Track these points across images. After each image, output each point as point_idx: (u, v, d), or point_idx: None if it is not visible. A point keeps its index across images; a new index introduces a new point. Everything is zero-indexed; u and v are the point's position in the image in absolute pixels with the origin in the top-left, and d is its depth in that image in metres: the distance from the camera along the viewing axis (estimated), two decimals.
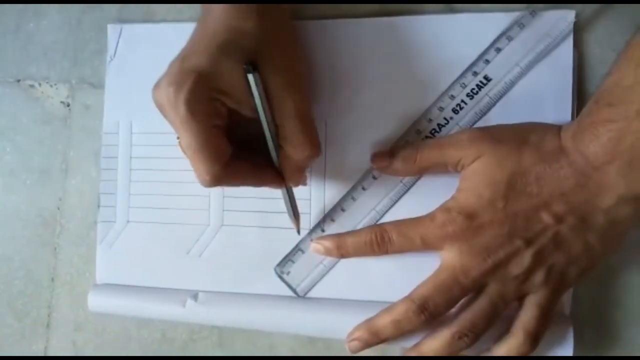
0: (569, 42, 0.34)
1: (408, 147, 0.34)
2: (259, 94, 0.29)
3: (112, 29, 0.40)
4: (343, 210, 0.36)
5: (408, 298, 0.32)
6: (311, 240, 0.36)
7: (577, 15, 0.34)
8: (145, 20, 0.40)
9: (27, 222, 0.42)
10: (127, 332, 0.40)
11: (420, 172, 0.35)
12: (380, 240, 0.34)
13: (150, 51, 0.39)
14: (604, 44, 0.35)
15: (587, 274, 0.32)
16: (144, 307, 0.38)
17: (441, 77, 0.36)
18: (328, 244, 0.35)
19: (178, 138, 0.31)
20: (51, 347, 0.41)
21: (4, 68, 0.42)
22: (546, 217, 0.30)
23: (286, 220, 0.37)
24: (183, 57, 0.29)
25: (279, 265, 0.37)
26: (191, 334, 0.39)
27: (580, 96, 0.35)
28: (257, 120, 0.31)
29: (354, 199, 0.36)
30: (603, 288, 0.35)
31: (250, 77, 0.29)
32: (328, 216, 0.37)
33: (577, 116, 0.33)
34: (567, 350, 0.33)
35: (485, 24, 0.35)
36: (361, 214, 0.36)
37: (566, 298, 0.35)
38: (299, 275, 0.37)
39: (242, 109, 0.30)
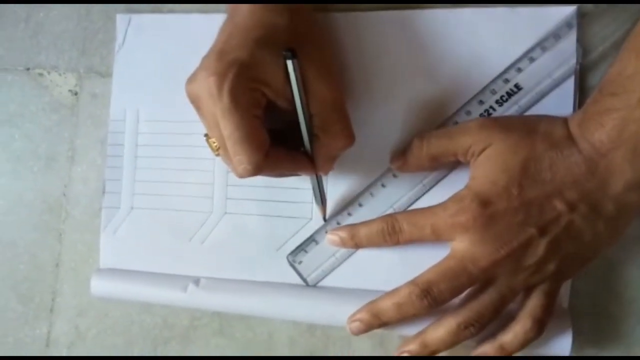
0: (572, 36, 0.35)
1: (416, 137, 0.35)
2: (297, 81, 0.30)
3: (120, 19, 0.41)
4: (360, 205, 0.37)
5: (412, 282, 0.32)
6: (326, 232, 0.37)
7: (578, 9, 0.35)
8: (154, 11, 0.41)
9: (33, 208, 0.42)
10: (129, 317, 0.41)
11: (430, 162, 0.34)
12: (392, 230, 0.34)
13: (158, 41, 0.40)
14: (607, 39, 0.35)
15: (589, 263, 0.32)
16: (145, 292, 0.38)
17: (470, 77, 0.36)
18: (342, 234, 0.36)
19: (206, 135, 0.32)
20: (54, 331, 0.42)
21: (14, 56, 0.43)
22: (559, 205, 0.30)
23: (288, 208, 0.37)
24: (219, 51, 0.30)
25: (291, 253, 0.37)
26: (192, 320, 0.40)
27: (582, 91, 0.35)
28: (289, 111, 0.31)
29: (372, 195, 0.36)
30: (602, 281, 0.35)
31: (290, 63, 0.29)
32: (345, 210, 0.37)
33: (578, 109, 0.34)
34: (566, 343, 0.34)
35: (514, 23, 0.35)
36: (378, 211, 0.36)
37: (564, 291, 0.35)
38: (311, 266, 0.37)
39: (278, 100, 0.31)
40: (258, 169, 0.30)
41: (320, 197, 0.36)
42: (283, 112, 0.31)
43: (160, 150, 0.39)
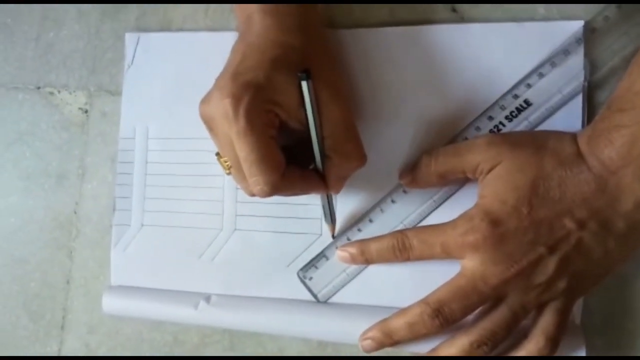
0: (579, 50, 0.34)
1: (425, 155, 0.35)
2: (311, 102, 0.30)
3: (129, 38, 0.41)
4: (371, 221, 0.37)
5: (423, 301, 0.32)
6: (336, 248, 0.37)
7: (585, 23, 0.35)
8: (162, 29, 0.41)
9: (44, 226, 0.43)
10: (140, 335, 0.41)
11: (439, 180, 0.34)
12: (402, 246, 0.34)
13: (167, 59, 0.40)
14: (617, 54, 0.35)
15: (603, 280, 0.32)
16: (157, 309, 0.38)
17: (478, 94, 0.36)
18: (353, 250, 0.36)
19: (217, 154, 0.32)
20: (65, 348, 0.42)
21: (25, 75, 0.44)
22: (569, 223, 0.30)
23: (298, 225, 0.37)
24: (234, 72, 0.30)
25: (302, 269, 0.37)
26: (203, 337, 0.40)
27: (591, 107, 0.35)
28: (300, 131, 0.31)
29: (382, 210, 0.36)
30: (614, 297, 0.35)
31: (304, 84, 0.30)
32: (355, 226, 0.37)
33: (587, 125, 0.33)
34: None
35: (521, 38, 0.35)
36: (389, 226, 0.36)
37: (577, 307, 0.34)
38: (322, 282, 0.37)
39: (291, 120, 0.31)
40: (275, 190, 0.30)
41: (330, 216, 0.36)
42: (292, 131, 0.31)
43: (170, 168, 0.40)
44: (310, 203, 0.37)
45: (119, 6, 0.42)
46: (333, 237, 0.37)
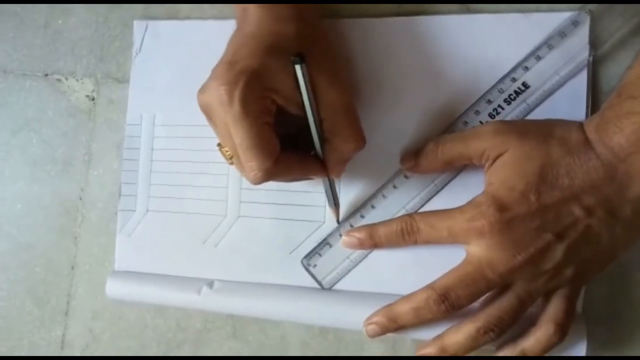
0: (585, 41, 0.35)
1: (431, 142, 0.35)
2: (306, 85, 0.30)
3: (138, 25, 0.41)
4: (373, 207, 0.37)
5: (429, 286, 0.32)
6: (340, 235, 0.37)
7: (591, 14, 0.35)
8: (170, 18, 0.42)
9: (50, 212, 0.43)
10: (143, 321, 0.41)
11: (444, 166, 0.35)
12: (410, 230, 0.34)
13: (175, 47, 0.41)
14: (614, 35, 0.35)
15: (607, 266, 0.32)
16: (160, 294, 0.39)
17: (479, 80, 0.36)
18: (360, 234, 0.36)
19: (219, 145, 0.33)
20: (69, 334, 0.42)
21: (33, 62, 0.44)
22: (577, 210, 0.30)
23: (302, 213, 0.38)
24: (229, 61, 0.30)
25: (305, 257, 0.38)
26: (205, 322, 0.40)
27: (595, 96, 0.35)
28: (300, 117, 0.32)
29: (384, 196, 0.37)
30: (616, 286, 0.35)
31: (298, 68, 0.30)
32: (357, 212, 0.37)
33: (591, 115, 0.34)
34: (581, 348, 0.33)
35: (526, 28, 0.36)
36: (391, 212, 0.36)
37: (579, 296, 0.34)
38: (325, 269, 0.37)
39: (289, 106, 0.31)
40: (268, 175, 0.31)
41: (333, 200, 0.36)
42: (294, 118, 0.32)
43: (176, 154, 0.40)
44: (314, 191, 0.38)
45: None
46: (338, 222, 0.37)
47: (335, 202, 0.36)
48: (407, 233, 0.34)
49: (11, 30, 0.45)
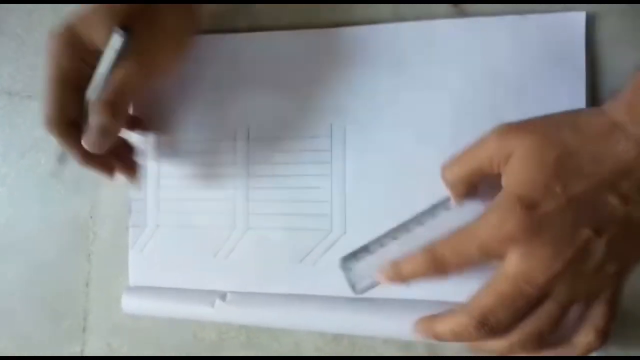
0: (581, 42, 0.35)
1: (441, 167, 0.33)
2: (110, 56, 0.33)
3: None
4: (421, 224, 0.35)
5: (467, 312, 0.29)
6: (381, 245, 0.35)
7: (587, 15, 0.35)
8: None
9: (62, 231, 0.44)
10: (159, 334, 0.42)
11: (467, 187, 0.32)
12: (435, 264, 0.30)
13: None
14: (617, 42, 0.35)
15: None
16: (174, 308, 0.39)
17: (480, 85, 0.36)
18: (388, 273, 0.32)
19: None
20: (87, 349, 0.43)
21: (37, 84, 0.44)
22: (612, 199, 0.27)
23: (309, 222, 0.38)
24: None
25: (343, 259, 0.36)
26: (220, 333, 0.41)
27: (594, 95, 0.35)
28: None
29: (434, 216, 0.35)
30: (627, 283, 0.35)
31: (116, 37, 0.32)
32: (403, 226, 0.35)
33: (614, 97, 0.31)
34: None
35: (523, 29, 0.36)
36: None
37: None
38: (361, 274, 0.36)
39: (86, 64, 0.34)
40: (49, 124, 0.36)
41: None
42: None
43: (182, 169, 0.41)
44: (320, 200, 0.38)
45: None
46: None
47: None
48: (434, 267, 0.30)
49: (14, 52, 0.45)
